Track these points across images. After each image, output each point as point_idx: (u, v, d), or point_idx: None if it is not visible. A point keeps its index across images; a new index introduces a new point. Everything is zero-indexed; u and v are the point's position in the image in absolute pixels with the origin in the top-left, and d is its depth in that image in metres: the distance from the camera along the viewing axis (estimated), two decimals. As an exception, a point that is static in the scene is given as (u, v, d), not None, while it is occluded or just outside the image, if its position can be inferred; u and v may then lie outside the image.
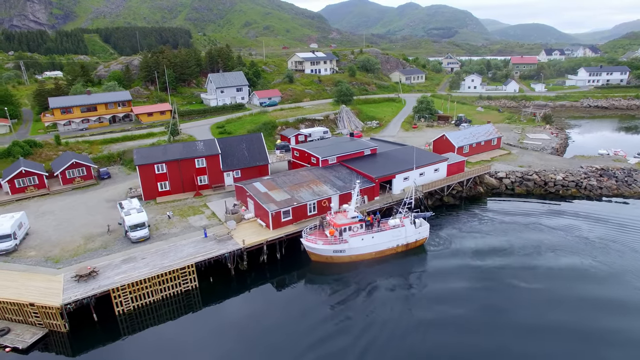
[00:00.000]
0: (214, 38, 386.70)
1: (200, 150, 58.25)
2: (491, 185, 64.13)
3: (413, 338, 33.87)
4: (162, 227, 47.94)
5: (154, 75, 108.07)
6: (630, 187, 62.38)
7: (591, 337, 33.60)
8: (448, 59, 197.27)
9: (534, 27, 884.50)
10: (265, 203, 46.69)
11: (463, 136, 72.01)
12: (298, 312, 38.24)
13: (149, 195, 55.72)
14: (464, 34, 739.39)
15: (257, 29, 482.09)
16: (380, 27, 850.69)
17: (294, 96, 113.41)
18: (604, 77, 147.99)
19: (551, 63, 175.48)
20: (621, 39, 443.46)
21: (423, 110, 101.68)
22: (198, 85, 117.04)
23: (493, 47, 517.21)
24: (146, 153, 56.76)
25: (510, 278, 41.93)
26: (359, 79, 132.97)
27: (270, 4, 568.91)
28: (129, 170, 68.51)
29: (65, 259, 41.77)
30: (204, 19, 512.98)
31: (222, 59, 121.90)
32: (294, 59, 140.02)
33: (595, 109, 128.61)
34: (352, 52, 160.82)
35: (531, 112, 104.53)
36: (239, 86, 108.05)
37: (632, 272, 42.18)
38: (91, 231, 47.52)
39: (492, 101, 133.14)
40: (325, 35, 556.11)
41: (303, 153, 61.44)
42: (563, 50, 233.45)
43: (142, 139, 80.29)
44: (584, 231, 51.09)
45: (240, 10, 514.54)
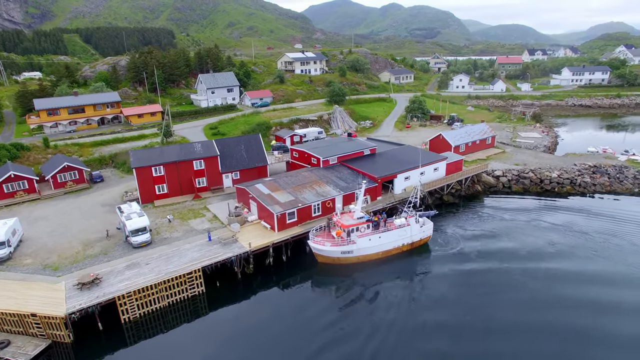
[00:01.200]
0: (198, 38, 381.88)
1: (198, 152, 57.10)
2: (489, 184, 64.73)
3: (422, 341, 33.65)
4: (163, 231, 46.75)
5: (142, 76, 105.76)
6: (622, 183, 63.82)
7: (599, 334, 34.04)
8: (435, 58, 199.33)
9: (513, 28, 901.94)
10: (270, 205, 45.98)
11: (459, 135, 72.55)
12: (306, 315, 37.69)
13: (146, 198, 54.33)
14: (446, 34, 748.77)
15: (240, 30, 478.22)
16: (364, 27, 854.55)
17: (286, 96, 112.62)
18: (587, 77, 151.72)
19: (535, 63, 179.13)
20: (597, 40, 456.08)
21: (415, 109, 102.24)
22: (187, 86, 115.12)
23: (475, 47, 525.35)
24: (143, 155, 55.33)
25: (517, 275, 42.33)
26: (350, 79, 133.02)
27: (253, 4, 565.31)
28: (122, 173, 66.81)
29: (65, 266, 40.30)
30: (186, 19, 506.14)
31: (212, 59, 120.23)
32: (284, 59, 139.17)
33: (580, 108, 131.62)
34: (341, 52, 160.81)
35: (521, 110, 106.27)
36: (229, 87, 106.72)
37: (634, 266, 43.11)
38: (89, 237, 46.00)
39: (481, 100, 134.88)
40: (309, 35, 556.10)
41: (303, 154, 60.87)
42: (545, 51, 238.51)
43: (133, 140, 78.40)
44: (583, 226, 52.23)
45: (223, 11, 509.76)
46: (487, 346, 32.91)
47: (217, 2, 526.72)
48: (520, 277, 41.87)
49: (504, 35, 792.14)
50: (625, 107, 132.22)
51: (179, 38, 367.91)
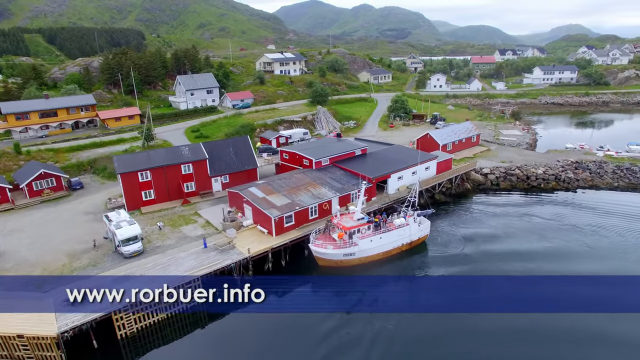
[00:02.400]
0: (169, 39, 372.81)
1: (186, 156, 55.00)
2: (477, 181, 65.53)
3: (431, 347, 33.18)
4: (154, 239, 44.58)
5: (117, 77, 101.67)
6: (602, 178, 66.00)
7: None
8: (411, 58, 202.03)
9: (481, 29, 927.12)
10: (266, 209, 44.65)
11: (446, 134, 73.18)
12: (309, 321, 36.59)
13: (132, 205, 51.81)
14: (417, 34, 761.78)
15: (212, 31, 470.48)
16: (336, 28, 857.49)
17: (267, 97, 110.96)
18: (557, 76, 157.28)
19: (508, 62, 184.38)
20: (559, 41, 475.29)
21: (398, 109, 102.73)
22: (164, 88, 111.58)
23: (446, 47, 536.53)
24: (128, 160, 52.78)
25: (517, 267, 42.98)
26: (330, 80, 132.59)
27: (224, 5, 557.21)
28: (103, 179, 63.68)
29: (49, 282, 37.59)
30: (156, 20, 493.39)
31: (189, 60, 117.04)
32: (263, 59, 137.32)
33: (552, 106, 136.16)
34: (320, 52, 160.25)
35: (500, 109, 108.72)
36: (209, 88, 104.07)
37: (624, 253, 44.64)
38: (74, 248, 43.31)
39: (458, 99, 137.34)
40: (282, 36, 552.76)
41: (294, 155, 59.70)
42: (515, 51, 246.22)
43: (112, 145, 75.00)
44: (572, 219, 53.85)
45: (194, 11, 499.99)
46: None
47: (187, 2, 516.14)
48: (521, 272, 42.46)
49: (472, 36, 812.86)
50: (594, 105, 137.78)
51: (149, 39, 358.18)
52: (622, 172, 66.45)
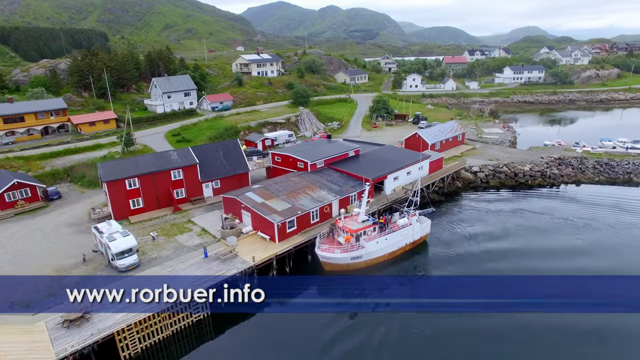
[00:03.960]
0: (134, 41, 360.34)
1: (175, 161, 52.39)
2: (468, 180, 66.22)
3: (433, 346, 32.97)
4: (148, 250, 41.99)
5: (88, 80, 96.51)
6: (584, 173, 68.34)
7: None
8: (385, 59, 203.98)
9: (446, 30, 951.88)
10: (268, 214, 43.01)
11: (434, 133, 73.68)
12: (309, 321, 36.17)
13: (119, 214, 48.73)
14: (384, 35, 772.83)
15: (178, 32, 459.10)
16: (303, 29, 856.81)
17: (247, 99, 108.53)
18: (526, 75, 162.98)
19: (479, 62, 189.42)
20: (520, 42, 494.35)
21: (380, 109, 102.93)
22: (138, 91, 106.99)
23: (413, 47, 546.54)
24: (113, 167, 49.64)
25: (518, 264, 43.42)
26: (308, 81, 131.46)
27: (191, 6, 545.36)
28: (83, 187, 59.85)
29: (38, 301, 34.54)
30: (118, 21, 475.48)
31: (164, 62, 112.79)
32: (239, 61, 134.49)
33: (524, 104, 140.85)
34: (296, 53, 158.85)
35: (478, 107, 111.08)
36: (186, 90, 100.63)
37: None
38: (61, 263, 40.12)
39: (434, 99, 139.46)
40: (250, 38, 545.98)
41: (287, 158, 58.16)
42: (483, 51, 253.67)
43: (88, 151, 70.84)
44: (562, 212, 55.54)
45: (159, 12, 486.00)
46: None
47: (152, 3, 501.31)
48: (520, 263, 43.15)
49: (437, 37, 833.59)
50: (562, 103, 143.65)
51: (114, 41, 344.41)
52: (601, 167, 69.02)
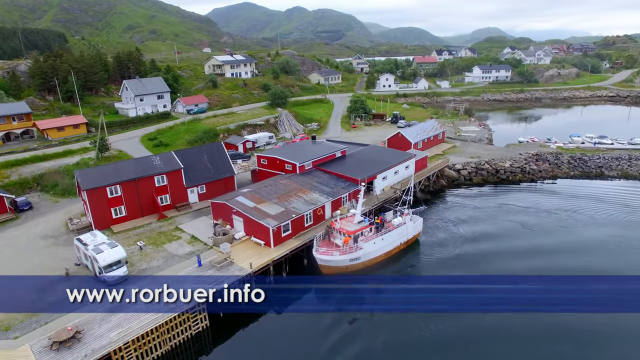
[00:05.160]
0: (95, 42, 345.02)
1: (158, 166, 50.07)
2: (451, 177, 67.14)
3: (431, 346, 32.86)
4: (137, 261, 39.78)
5: (52, 82, 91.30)
6: (560, 168, 70.86)
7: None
8: (357, 59, 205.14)
9: (410, 30, 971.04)
10: (262, 219, 41.72)
11: (416, 132, 74.29)
12: (309, 321, 35.85)
13: (100, 224, 45.97)
14: (351, 36, 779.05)
15: (142, 33, 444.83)
16: (270, 30, 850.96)
17: (222, 101, 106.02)
18: (494, 74, 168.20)
19: (448, 62, 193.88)
20: (482, 42, 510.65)
21: (358, 109, 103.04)
22: (107, 94, 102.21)
23: (380, 48, 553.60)
24: (93, 174, 46.78)
25: (507, 259, 44.37)
26: (283, 82, 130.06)
27: (154, 7, 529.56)
28: (55, 197, 56.21)
29: (19, 322, 31.85)
30: (77, 21, 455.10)
31: (133, 63, 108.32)
32: (212, 62, 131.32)
33: (494, 102, 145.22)
34: (269, 54, 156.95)
35: (452, 106, 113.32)
36: (159, 93, 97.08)
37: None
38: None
39: (408, 98, 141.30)
40: (217, 39, 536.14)
41: (274, 160, 56.89)
42: (451, 51, 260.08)
43: (58, 158, 66.83)
44: (546, 206, 57.40)
45: (121, 13, 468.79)
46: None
47: (113, 3, 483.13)
48: (514, 262, 43.94)
49: (402, 37, 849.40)
50: (529, 101, 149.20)
51: (73, 42, 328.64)
52: (575, 162, 71.76)
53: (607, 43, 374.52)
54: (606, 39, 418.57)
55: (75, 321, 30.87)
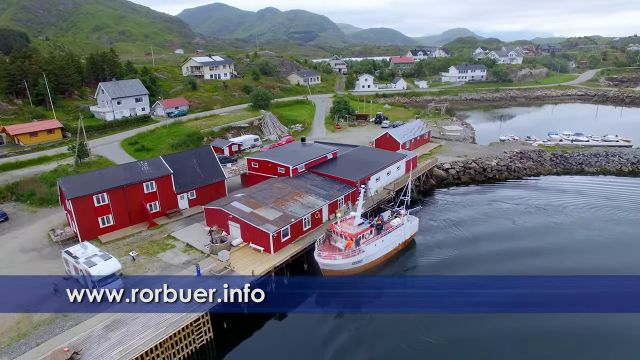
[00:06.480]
0: (61, 43, 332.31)
1: (147, 172, 47.99)
2: (440, 177, 67.65)
3: (430, 346, 32.76)
4: (130, 272, 37.76)
5: (21, 85, 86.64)
6: (543, 165, 72.66)
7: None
8: (335, 60, 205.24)
9: (383, 31, 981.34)
10: (260, 225, 40.55)
11: (403, 133, 74.53)
12: (309, 321, 35.63)
13: (87, 234, 43.53)
14: (324, 37, 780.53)
15: (111, 34, 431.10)
16: (242, 31, 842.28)
17: (203, 104, 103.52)
18: (470, 74, 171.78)
19: (425, 62, 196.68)
20: (453, 43, 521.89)
21: (341, 110, 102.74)
22: (81, 97, 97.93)
23: (354, 48, 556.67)
24: (77, 182, 44.28)
25: (504, 257, 44.68)
26: (264, 83, 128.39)
27: (122, 7, 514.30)
28: (34, 207, 53.03)
29: (6, 345, 29.61)
30: (39, 21, 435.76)
31: (108, 65, 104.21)
32: (190, 64, 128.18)
33: (472, 101, 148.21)
34: (247, 55, 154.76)
35: (434, 106, 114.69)
36: (138, 96, 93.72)
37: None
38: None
39: (387, 98, 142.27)
40: (189, 40, 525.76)
41: (265, 164, 55.63)
42: (425, 51, 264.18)
43: (33, 165, 63.33)
44: (534, 202, 58.77)
45: (87, 13, 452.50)
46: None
47: (78, 2, 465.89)
48: (512, 261, 44.29)
49: (375, 38, 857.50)
50: (504, 100, 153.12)
51: (36, 42, 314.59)
52: (557, 159, 73.76)
53: (571, 44, 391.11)
54: (569, 40, 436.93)
55: (72, 340, 28.98)
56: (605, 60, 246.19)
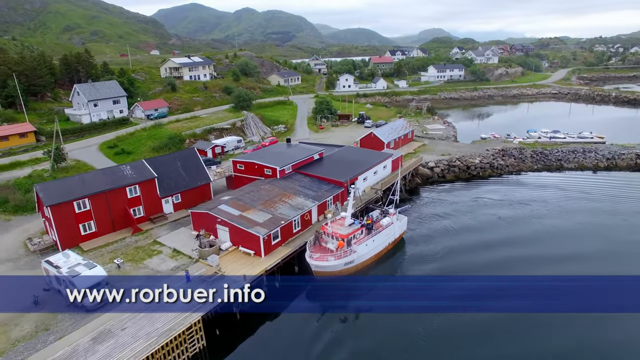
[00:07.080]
0: (29, 43, 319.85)
1: (130, 176, 46.43)
2: (426, 175, 68.16)
3: (427, 346, 32.85)
4: (116, 281, 36.23)
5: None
6: (524, 162, 74.20)
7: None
8: (314, 60, 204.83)
9: (360, 32, 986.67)
10: (250, 228, 39.77)
11: (387, 132, 74.77)
12: (309, 321, 35.35)
13: (67, 242, 41.73)
14: (301, 37, 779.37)
15: (82, 35, 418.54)
16: (219, 32, 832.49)
17: (183, 105, 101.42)
18: (448, 73, 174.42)
19: (404, 62, 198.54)
20: (430, 43, 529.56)
21: (324, 110, 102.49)
22: (55, 99, 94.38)
23: (332, 49, 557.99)
24: (56, 188, 42.40)
25: (493, 254, 45.25)
26: (244, 84, 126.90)
27: (94, 7, 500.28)
28: (7, 214, 50.52)
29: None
30: (4, 20, 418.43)
31: (83, 66, 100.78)
32: (168, 65, 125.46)
33: (451, 100, 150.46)
34: (226, 56, 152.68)
35: (415, 105, 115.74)
36: (115, 98, 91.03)
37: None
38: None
39: (368, 98, 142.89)
40: (165, 41, 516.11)
41: (252, 165, 54.71)
42: (404, 51, 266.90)
43: (5, 171, 60.59)
44: (517, 197, 60.34)
45: (56, 12, 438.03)
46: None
47: (47, 1, 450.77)
48: (503, 259, 44.93)
49: (352, 38, 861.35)
50: (482, 99, 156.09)
51: (2, 42, 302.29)
52: (537, 156, 75.44)
53: (543, 44, 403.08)
54: (541, 40, 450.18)
55: (55, 355, 27.58)
56: (575, 60, 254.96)
